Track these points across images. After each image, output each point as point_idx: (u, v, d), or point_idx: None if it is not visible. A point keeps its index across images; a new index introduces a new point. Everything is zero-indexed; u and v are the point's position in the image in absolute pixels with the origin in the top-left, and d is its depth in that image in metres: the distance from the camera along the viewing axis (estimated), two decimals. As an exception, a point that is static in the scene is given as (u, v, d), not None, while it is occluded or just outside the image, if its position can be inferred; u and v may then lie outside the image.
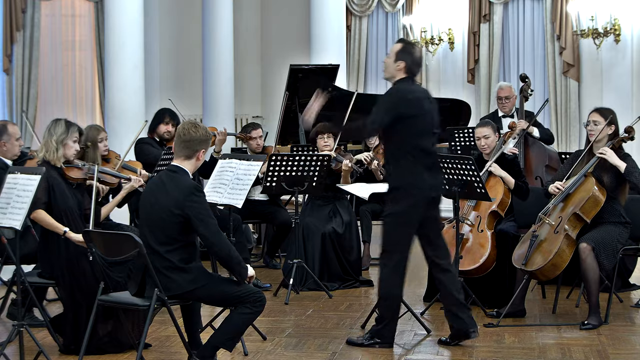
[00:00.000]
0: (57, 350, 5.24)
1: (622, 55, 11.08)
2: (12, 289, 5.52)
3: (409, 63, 5.26)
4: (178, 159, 4.65)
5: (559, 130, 11.28)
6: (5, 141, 6.06)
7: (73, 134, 5.38)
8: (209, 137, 4.70)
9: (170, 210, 4.49)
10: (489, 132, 6.54)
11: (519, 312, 6.03)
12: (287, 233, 7.95)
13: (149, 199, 4.64)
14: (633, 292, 6.92)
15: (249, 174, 5.69)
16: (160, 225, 4.52)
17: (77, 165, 5.48)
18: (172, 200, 4.50)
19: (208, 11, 11.61)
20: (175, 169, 4.62)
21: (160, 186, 4.60)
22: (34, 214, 5.16)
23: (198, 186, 4.61)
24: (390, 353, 5.30)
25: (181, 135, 4.63)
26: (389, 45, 12.56)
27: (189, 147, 4.62)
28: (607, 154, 5.80)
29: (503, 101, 8.11)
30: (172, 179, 4.58)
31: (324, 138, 7.51)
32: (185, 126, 4.66)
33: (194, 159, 4.65)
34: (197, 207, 4.48)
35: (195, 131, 4.62)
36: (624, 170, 5.75)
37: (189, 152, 4.62)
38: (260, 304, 4.60)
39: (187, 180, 4.58)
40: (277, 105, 9.71)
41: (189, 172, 4.62)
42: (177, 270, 4.53)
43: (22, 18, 11.85)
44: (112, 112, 9.52)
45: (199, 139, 4.62)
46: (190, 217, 4.46)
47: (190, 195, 4.49)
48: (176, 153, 4.67)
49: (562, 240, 5.78)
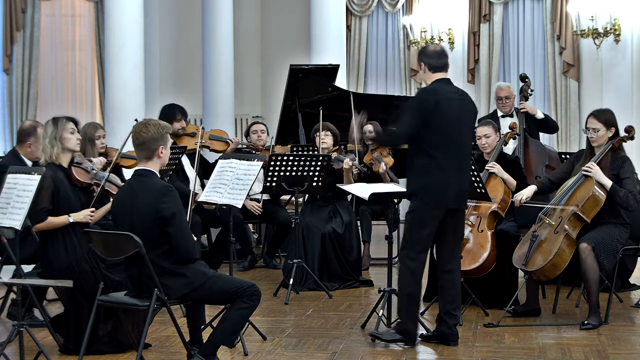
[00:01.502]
0: (57, 350, 5.24)
1: (622, 55, 11.08)
2: (12, 289, 5.52)
3: (427, 61, 5.34)
4: (141, 162, 4.67)
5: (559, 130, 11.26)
6: (31, 142, 6.08)
7: (65, 126, 5.31)
8: (162, 131, 4.66)
9: (147, 214, 4.51)
10: (489, 131, 6.56)
11: (534, 311, 6.06)
12: (287, 233, 7.95)
13: (124, 207, 4.64)
14: (633, 292, 6.92)
15: (249, 174, 5.68)
16: (141, 231, 4.50)
17: (86, 168, 5.45)
18: (146, 204, 4.52)
19: (208, 11, 11.60)
20: (143, 172, 4.64)
21: (131, 193, 4.62)
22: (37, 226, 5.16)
23: (168, 186, 4.64)
24: (390, 353, 5.30)
25: (135, 140, 4.65)
26: (389, 45, 12.56)
27: (146, 148, 4.63)
28: (593, 172, 5.81)
29: (503, 101, 8.10)
30: (141, 184, 4.61)
31: (322, 135, 7.55)
32: (136, 129, 4.67)
33: (156, 157, 4.66)
34: (168, 207, 4.50)
35: (146, 131, 4.63)
36: (609, 189, 5.77)
37: (147, 153, 4.64)
38: (256, 298, 4.63)
39: (157, 182, 4.61)
40: (277, 105, 9.70)
41: (156, 172, 4.65)
42: (170, 275, 4.54)
43: (22, 18, 11.84)
44: (112, 112, 9.51)
45: (152, 138, 4.62)
46: (164, 217, 4.49)
47: (161, 196, 4.52)
48: (137, 156, 4.69)
49: (562, 240, 5.78)
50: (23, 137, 6.20)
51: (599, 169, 5.82)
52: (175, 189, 4.64)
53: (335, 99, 9.36)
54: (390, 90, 12.49)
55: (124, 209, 4.63)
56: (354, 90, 12.17)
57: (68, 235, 5.23)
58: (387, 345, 5.45)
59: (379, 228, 8.49)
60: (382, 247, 7.67)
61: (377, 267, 8.13)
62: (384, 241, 6.16)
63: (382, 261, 7.89)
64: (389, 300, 5.70)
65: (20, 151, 6.20)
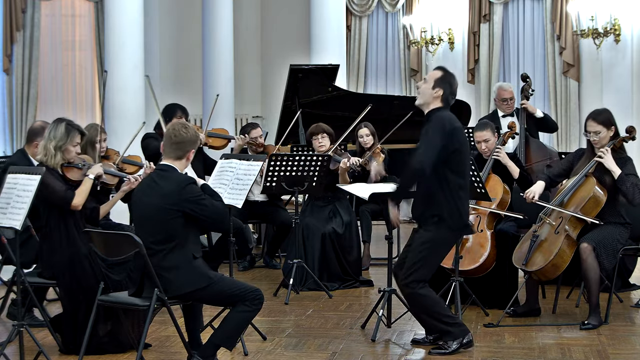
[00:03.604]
0: (57, 350, 5.24)
1: (622, 55, 11.08)
2: (12, 289, 5.52)
3: (447, 93, 5.18)
4: (168, 159, 4.68)
5: (559, 130, 11.27)
6: (38, 142, 6.08)
7: (74, 139, 5.33)
8: (198, 137, 4.80)
9: (166, 207, 4.51)
10: (488, 135, 6.57)
11: (534, 311, 6.06)
12: (287, 233, 7.95)
13: (142, 199, 4.66)
14: (633, 292, 6.91)
15: (249, 174, 5.68)
16: (157, 224, 4.53)
17: (77, 165, 5.46)
18: (167, 196, 4.53)
19: (208, 11, 11.61)
20: (166, 168, 4.66)
21: (153, 186, 4.63)
22: (74, 204, 5.18)
23: (190, 177, 4.67)
24: (390, 353, 5.30)
25: (172, 137, 4.67)
26: (389, 45, 12.57)
27: (181, 148, 4.67)
28: (605, 157, 5.79)
29: (508, 102, 8.03)
30: (163, 178, 4.62)
31: (319, 139, 7.54)
32: (176, 127, 4.71)
33: (185, 159, 4.71)
34: (191, 199, 4.53)
35: (186, 132, 4.68)
36: (617, 177, 5.75)
37: (180, 153, 4.68)
38: (259, 302, 4.64)
39: (179, 175, 4.64)
40: (277, 105, 9.71)
41: (179, 170, 4.67)
42: (176, 271, 4.54)
43: (22, 18, 11.84)
44: (112, 112, 9.51)
45: (190, 140, 4.69)
46: (191, 208, 4.51)
47: (185, 187, 4.54)
48: (166, 153, 4.70)
49: (563, 240, 5.78)
50: (32, 137, 6.20)
51: (610, 155, 5.79)
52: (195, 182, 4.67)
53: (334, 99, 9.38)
54: (390, 91, 12.50)
55: (143, 200, 4.65)
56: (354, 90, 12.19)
57: (68, 235, 5.23)
58: (387, 345, 5.46)
59: (379, 228, 8.48)
60: (382, 247, 7.67)
61: (377, 267, 8.12)
62: (384, 241, 6.16)
63: (382, 261, 7.89)
64: (389, 300, 5.70)
65: (29, 151, 6.21)
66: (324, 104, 9.50)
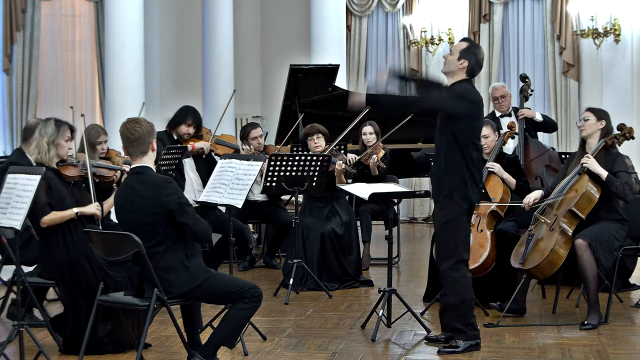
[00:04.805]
0: (57, 350, 5.24)
1: (622, 55, 11.08)
2: (12, 289, 5.52)
3: (472, 63, 5.19)
4: (136, 159, 4.65)
5: (559, 130, 11.27)
6: None
7: (64, 133, 5.35)
8: (151, 126, 4.69)
9: (150, 210, 4.51)
10: (488, 131, 6.56)
11: (520, 310, 6.06)
12: (287, 233, 7.95)
13: (125, 206, 4.64)
14: (633, 292, 6.92)
15: (249, 174, 5.68)
16: (146, 228, 4.51)
17: (72, 162, 5.46)
18: (149, 200, 4.52)
19: (208, 11, 11.61)
20: (140, 170, 4.63)
21: (131, 192, 4.61)
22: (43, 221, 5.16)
23: (167, 178, 4.66)
24: (390, 353, 5.30)
25: (129, 136, 4.62)
26: (389, 45, 12.56)
27: (142, 143, 4.62)
28: (589, 163, 5.84)
29: (499, 100, 8.17)
30: (140, 181, 4.60)
31: (314, 139, 7.53)
32: (128, 126, 4.64)
33: (150, 151, 4.67)
34: (172, 199, 4.51)
35: (139, 127, 4.63)
36: (604, 179, 5.78)
37: (144, 147, 4.63)
38: (258, 299, 4.63)
39: (155, 177, 4.62)
40: (277, 105, 9.71)
41: (151, 167, 4.65)
42: (175, 270, 4.54)
43: (22, 18, 11.83)
44: (112, 112, 9.51)
45: (147, 132, 4.63)
46: (172, 210, 4.50)
47: (163, 189, 4.52)
48: (132, 154, 4.67)
49: (558, 236, 5.79)
50: (28, 135, 6.19)
51: (594, 160, 5.84)
52: (173, 180, 4.66)
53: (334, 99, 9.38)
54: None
55: (126, 208, 4.63)
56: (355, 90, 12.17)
57: (68, 235, 5.24)
58: (387, 345, 5.46)
59: (379, 228, 8.49)
60: (382, 247, 7.68)
61: (377, 267, 8.13)
62: (383, 241, 6.17)
63: (382, 261, 7.90)
64: (389, 300, 5.71)
65: (26, 149, 6.20)
66: (324, 104, 9.50)
